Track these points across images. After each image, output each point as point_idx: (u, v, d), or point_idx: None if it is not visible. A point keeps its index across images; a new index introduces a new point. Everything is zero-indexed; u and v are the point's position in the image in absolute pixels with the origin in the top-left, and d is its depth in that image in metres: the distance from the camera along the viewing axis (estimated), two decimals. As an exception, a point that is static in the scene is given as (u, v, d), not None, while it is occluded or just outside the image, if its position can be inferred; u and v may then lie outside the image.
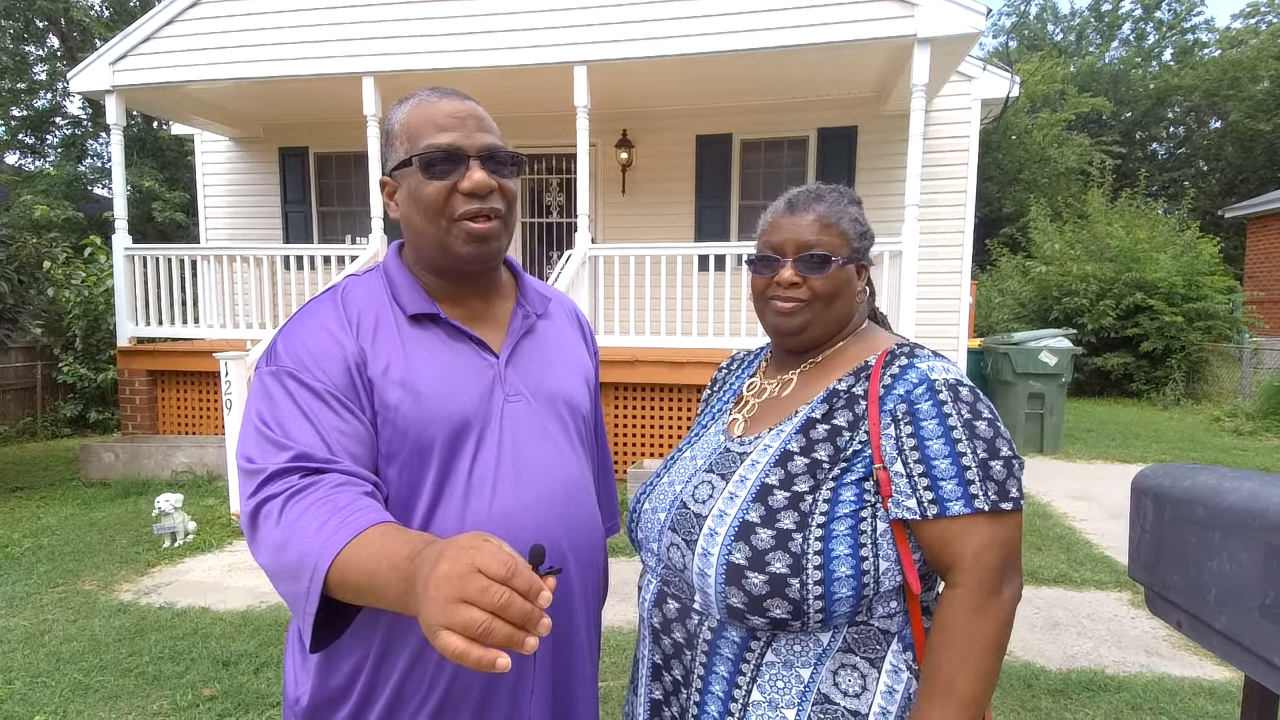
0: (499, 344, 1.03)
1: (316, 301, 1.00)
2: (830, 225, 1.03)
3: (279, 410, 0.88)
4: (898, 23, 5.03)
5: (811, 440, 0.96)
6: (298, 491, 0.80)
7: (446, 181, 0.93)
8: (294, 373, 0.90)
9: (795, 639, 0.91)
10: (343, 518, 0.75)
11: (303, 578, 0.74)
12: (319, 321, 0.95)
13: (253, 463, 0.85)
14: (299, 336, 0.94)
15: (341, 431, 0.88)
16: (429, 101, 0.97)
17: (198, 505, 5.04)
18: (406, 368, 0.94)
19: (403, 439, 0.92)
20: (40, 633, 3.21)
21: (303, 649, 0.96)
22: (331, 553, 0.72)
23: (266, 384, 0.91)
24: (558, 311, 1.17)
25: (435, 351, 0.97)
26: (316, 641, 0.77)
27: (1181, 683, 2.79)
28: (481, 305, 1.05)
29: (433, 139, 0.94)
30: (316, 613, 0.73)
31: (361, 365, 0.93)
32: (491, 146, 0.96)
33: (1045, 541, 4.43)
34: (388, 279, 1.02)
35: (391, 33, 5.80)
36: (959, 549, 0.87)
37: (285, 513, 0.79)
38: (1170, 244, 11.54)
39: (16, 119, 15.22)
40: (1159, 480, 0.76)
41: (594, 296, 5.92)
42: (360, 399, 0.91)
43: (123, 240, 6.45)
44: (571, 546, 1.01)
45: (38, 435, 8.42)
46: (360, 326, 0.95)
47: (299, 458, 0.83)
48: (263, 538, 0.80)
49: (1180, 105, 22.62)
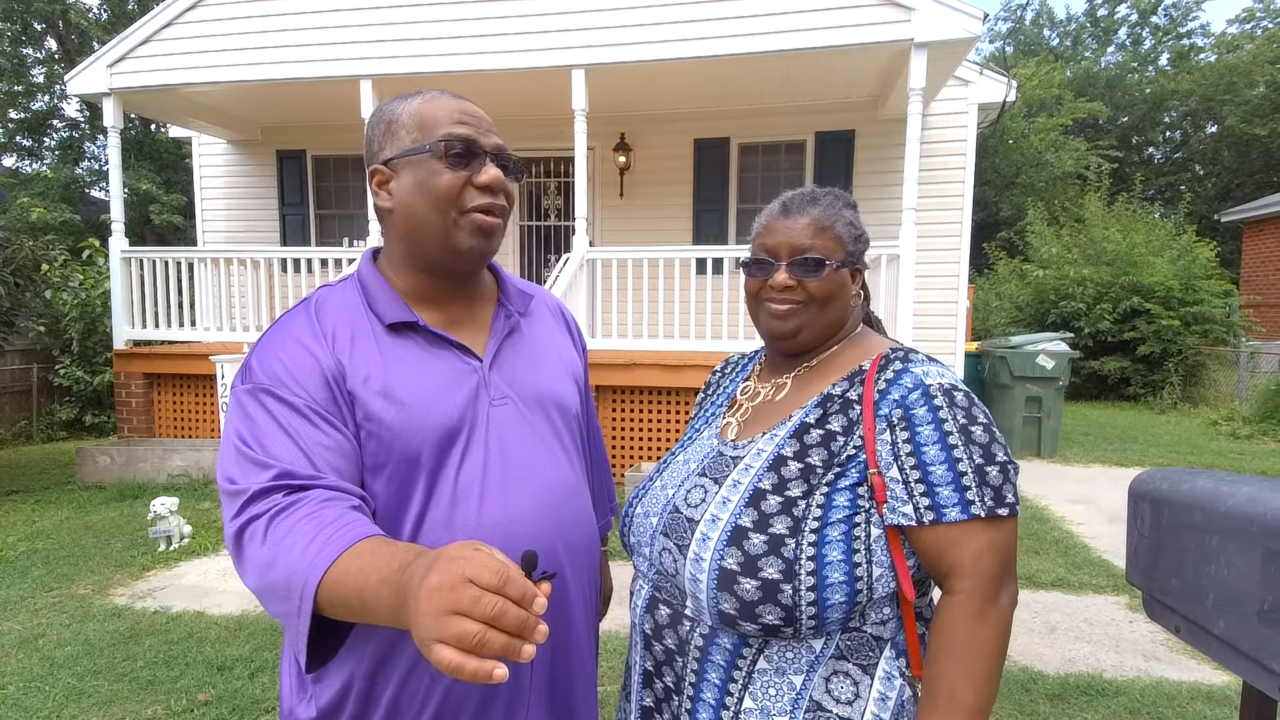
0: (482, 347, 1.01)
1: (289, 316, 0.98)
2: (825, 228, 1.02)
3: (258, 429, 0.86)
4: (895, 27, 5.04)
5: (805, 445, 0.95)
6: (282, 510, 0.78)
7: (464, 172, 0.93)
8: (271, 389, 0.88)
9: (788, 646, 0.90)
10: (330, 534, 0.74)
11: (293, 597, 0.72)
12: (293, 335, 0.93)
13: (234, 484, 0.83)
14: (274, 352, 0.91)
15: (324, 446, 0.86)
16: (442, 98, 0.97)
17: (193, 509, 5.02)
18: (387, 378, 0.92)
19: (388, 450, 0.90)
20: (34, 637, 3.18)
21: (298, 664, 0.95)
22: (320, 569, 0.70)
23: (244, 403, 0.89)
24: (541, 309, 1.15)
25: (415, 359, 0.95)
26: (312, 660, 0.75)
27: (1179, 687, 2.78)
28: (463, 309, 1.03)
29: (451, 130, 0.93)
30: (309, 630, 0.72)
31: (340, 378, 0.90)
32: (501, 148, 0.97)
33: (1043, 545, 4.42)
34: (363, 288, 0.99)
35: (389, 36, 5.80)
36: (957, 555, 0.86)
37: (271, 532, 0.77)
38: (1167, 248, 11.59)
39: (14, 121, 15.21)
40: (1157, 484, 0.75)
41: (592, 299, 5.92)
42: (341, 412, 0.89)
43: (119, 243, 6.44)
44: (566, 550, 0.99)
45: (33, 438, 8.39)
46: (336, 338, 0.93)
47: (281, 475, 0.81)
48: (249, 558, 0.78)
49: (1176, 110, 22.70)
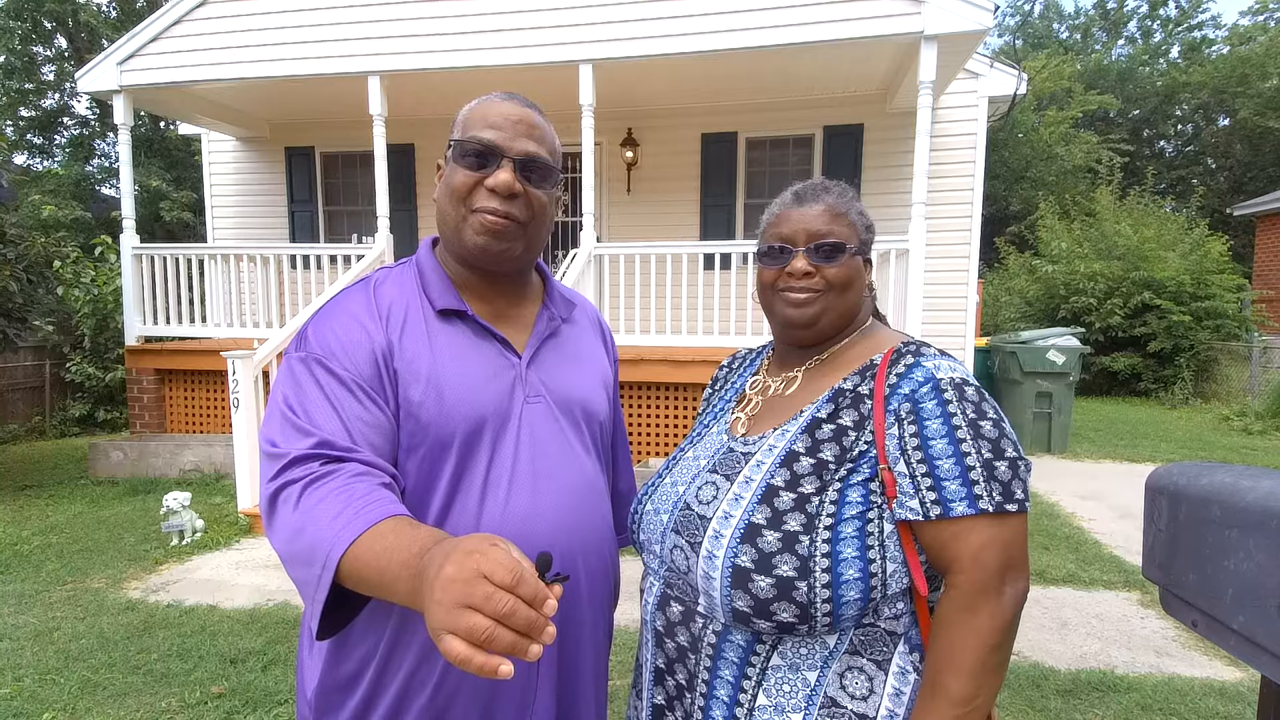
0: (522, 345, 1.04)
1: (349, 291, 1.02)
2: (840, 215, 1.02)
3: (305, 396, 0.89)
4: (904, 19, 5.00)
5: (817, 440, 0.95)
6: (317, 479, 0.82)
7: (477, 174, 0.96)
8: (322, 360, 0.92)
9: (801, 642, 0.90)
10: (357, 508, 0.77)
11: (315, 565, 0.75)
12: (350, 311, 0.97)
13: (276, 446, 0.86)
14: (329, 325, 0.95)
15: (364, 421, 0.89)
16: (492, 101, 1.00)
17: (205, 503, 5.06)
18: (432, 362, 0.95)
19: (424, 433, 0.93)
20: (49, 630, 3.22)
21: (312, 636, 0.97)
22: (345, 543, 0.73)
23: (295, 370, 0.92)
24: (581, 317, 1.18)
25: (460, 347, 0.98)
26: (324, 629, 0.78)
27: (1192, 683, 2.77)
28: (507, 305, 1.06)
29: (478, 133, 0.97)
30: (326, 600, 0.75)
31: (389, 357, 0.94)
32: (531, 154, 0.98)
33: (1053, 541, 4.41)
34: (419, 272, 1.04)
35: (397, 32, 5.80)
36: (958, 550, 0.86)
37: (304, 499, 0.80)
38: (1178, 242, 11.49)
39: (25, 119, 15.31)
40: (1174, 479, 0.74)
41: (599, 295, 5.92)
42: (385, 390, 0.93)
43: (130, 239, 6.48)
44: (582, 552, 1.00)
45: (47, 434, 8.47)
46: (390, 318, 0.97)
47: (321, 444, 0.85)
48: (280, 522, 0.82)
49: (1188, 103, 22.45)
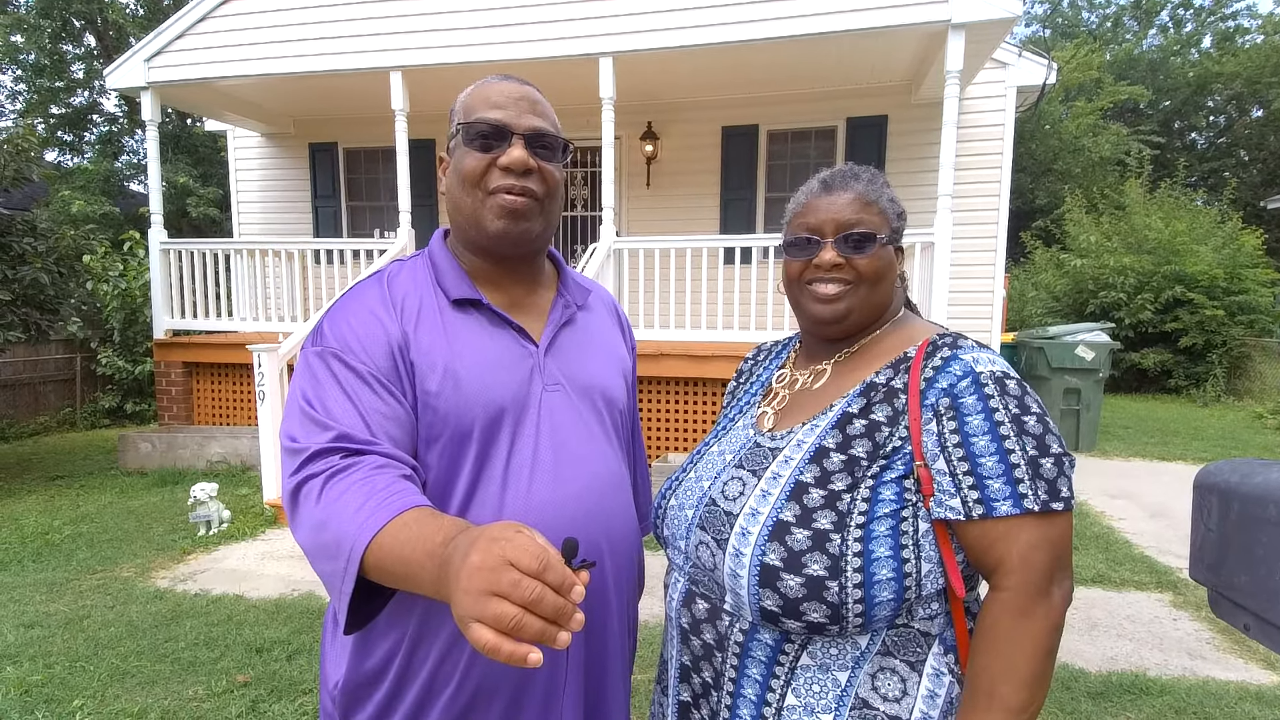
0: (539, 333, 1.03)
1: (363, 284, 1.01)
2: (870, 203, 0.98)
3: (323, 390, 0.89)
4: (931, 8, 4.91)
5: (848, 436, 0.92)
6: (338, 472, 0.82)
7: (488, 155, 0.95)
8: (339, 354, 0.92)
9: (831, 642, 0.88)
10: (380, 500, 0.76)
11: (340, 558, 0.75)
12: (364, 304, 0.97)
13: (296, 441, 0.86)
14: (344, 318, 0.95)
15: (382, 414, 0.89)
16: (490, 82, 1.00)
17: (232, 494, 5.13)
18: (448, 352, 0.95)
19: (443, 423, 0.93)
20: (79, 618, 3.28)
21: (338, 630, 0.97)
22: (369, 535, 0.73)
23: (312, 364, 0.93)
24: (597, 304, 1.17)
25: (476, 337, 0.98)
26: (351, 623, 0.78)
27: (1227, 686, 2.70)
28: (523, 293, 1.05)
29: (483, 114, 0.96)
30: (352, 593, 0.74)
31: (404, 348, 0.93)
32: (539, 129, 0.97)
33: (1083, 541, 4.33)
34: (432, 263, 1.03)
35: (419, 27, 5.82)
36: (1004, 550, 0.83)
37: (325, 492, 0.80)
38: (1211, 236, 11.22)
39: (55, 117, 15.62)
40: (1226, 477, 0.71)
41: (619, 290, 5.90)
42: (402, 382, 0.92)
43: (158, 235, 6.58)
44: (608, 539, 0.99)
45: (77, 425, 8.65)
46: (404, 310, 0.96)
47: (340, 438, 0.85)
48: (303, 516, 0.82)
49: (1221, 93, 21.86)
